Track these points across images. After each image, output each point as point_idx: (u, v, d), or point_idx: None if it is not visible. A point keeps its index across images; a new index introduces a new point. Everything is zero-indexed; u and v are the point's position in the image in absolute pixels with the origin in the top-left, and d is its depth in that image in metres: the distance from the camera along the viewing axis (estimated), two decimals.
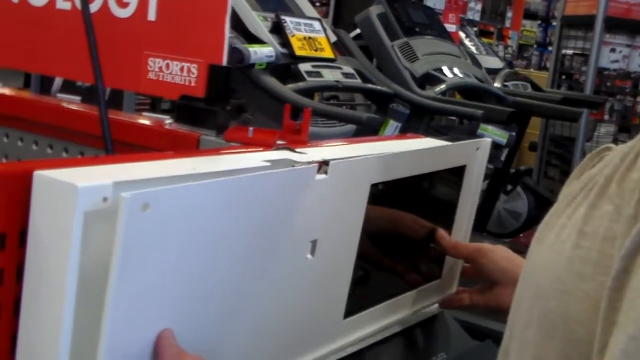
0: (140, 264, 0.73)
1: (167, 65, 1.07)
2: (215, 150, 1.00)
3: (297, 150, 1.00)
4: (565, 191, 0.83)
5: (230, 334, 0.88)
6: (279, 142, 1.04)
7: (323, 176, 0.94)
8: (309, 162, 0.93)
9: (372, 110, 3.84)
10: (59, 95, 1.47)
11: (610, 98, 6.34)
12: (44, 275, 0.73)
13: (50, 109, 1.17)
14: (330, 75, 3.55)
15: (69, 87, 2.14)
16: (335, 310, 1.05)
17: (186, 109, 1.07)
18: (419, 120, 3.79)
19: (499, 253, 1.16)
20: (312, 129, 1.95)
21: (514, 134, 4.35)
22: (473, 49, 5.16)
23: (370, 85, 3.68)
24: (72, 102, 1.33)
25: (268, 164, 0.92)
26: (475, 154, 1.19)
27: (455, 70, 4.34)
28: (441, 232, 1.17)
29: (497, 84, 4.85)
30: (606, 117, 6.98)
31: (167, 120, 1.10)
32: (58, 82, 1.62)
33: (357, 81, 3.68)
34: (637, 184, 0.66)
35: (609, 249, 0.67)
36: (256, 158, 0.94)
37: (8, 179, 0.73)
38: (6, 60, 1.18)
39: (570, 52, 6.31)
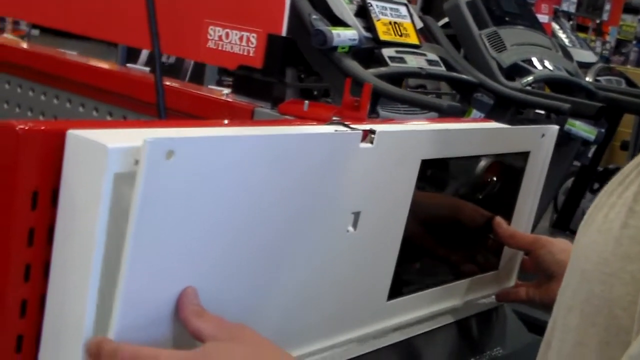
0: (162, 216, 0.71)
1: (227, 34, 1.04)
2: (267, 122, 0.97)
3: (351, 125, 0.96)
4: (619, 172, 0.80)
5: (258, 303, 0.84)
6: (335, 117, 1.00)
7: (368, 145, 0.89)
8: (352, 129, 0.89)
9: (456, 99, 3.76)
10: (129, 65, 1.47)
11: None
12: (73, 237, 0.72)
13: (111, 76, 1.16)
14: (414, 62, 3.48)
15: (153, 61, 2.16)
16: (377, 291, 1.01)
17: (243, 79, 1.04)
18: (503, 112, 3.69)
19: (558, 245, 1.11)
20: (391, 116, 1.93)
21: (603, 130, 4.20)
22: (566, 41, 5.01)
23: (454, 74, 3.60)
24: (138, 71, 1.32)
25: (317, 134, 0.88)
26: (540, 141, 1.13)
27: (545, 62, 4.21)
28: (498, 220, 1.12)
29: (588, 79, 4.69)
30: None
31: (225, 91, 1.07)
32: (144, 54, 1.62)
33: (441, 69, 3.60)
34: None
35: None
36: (304, 129, 0.90)
37: (42, 136, 0.72)
38: (67, 24, 1.17)
39: None
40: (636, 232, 0.65)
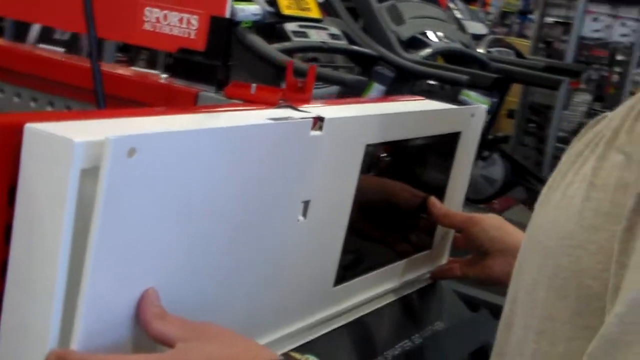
0: (124, 215, 0.68)
1: (165, 16, 1.00)
2: (216, 107, 0.94)
3: (299, 108, 0.95)
4: (567, 154, 0.83)
5: (218, 296, 0.83)
6: (281, 100, 0.99)
7: (318, 132, 0.89)
8: (303, 117, 0.88)
9: (355, 72, 3.78)
10: (41, 45, 1.40)
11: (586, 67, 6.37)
12: (36, 236, 0.68)
13: (38, 60, 1.10)
14: (316, 36, 3.48)
15: (45, 37, 2.05)
16: (325, 278, 1.01)
17: (184, 62, 1.01)
18: (403, 84, 3.74)
19: (490, 222, 1.14)
20: None
21: (495, 100, 4.32)
22: (458, 14, 5.12)
23: (356, 47, 3.62)
24: (57, 54, 1.26)
25: (271, 121, 0.86)
26: (470, 121, 1.15)
27: (441, 34, 4.29)
28: (433, 200, 1.14)
29: (481, 50, 4.81)
30: (582, 86, 7.00)
31: (163, 75, 1.03)
32: (35, 30, 1.54)
33: (344, 43, 3.61)
34: None
35: (621, 197, 0.66)
36: (258, 115, 0.89)
37: None
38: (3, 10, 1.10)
39: (551, 20, 6.28)
40: (598, 204, 0.67)
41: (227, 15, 0.97)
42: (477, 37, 4.80)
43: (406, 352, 1.06)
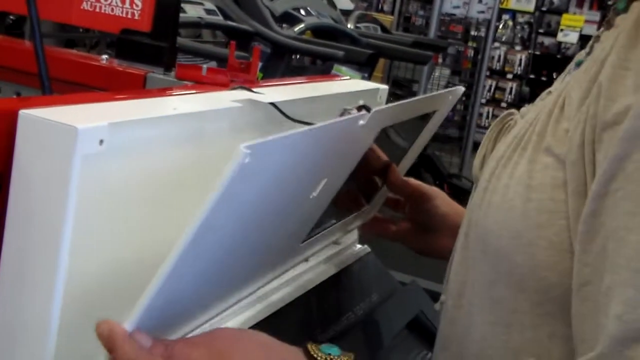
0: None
1: None
2: (182, 88, 0.94)
3: (253, 90, 0.96)
4: (484, 161, 0.89)
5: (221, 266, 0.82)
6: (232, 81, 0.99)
7: (362, 122, 0.90)
8: (359, 109, 0.90)
9: (223, 47, 3.76)
10: None
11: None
12: (34, 225, 0.66)
13: None
14: (193, 12, 3.45)
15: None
16: (300, 236, 1.02)
17: (129, 44, 0.99)
18: (279, 60, 3.76)
19: (442, 198, 1.15)
20: None
21: (366, 75, 4.42)
22: None
23: (232, 23, 3.61)
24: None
25: (239, 104, 0.87)
26: (447, 101, 1.18)
27: (311, 10, 4.33)
28: (393, 168, 1.14)
29: (350, 25, 4.88)
30: (440, 60, 7.26)
31: (104, 56, 1.01)
32: None
33: (219, 18, 3.59)
34: (573, 131, 0.70)
35: (560, 194, 0.71)
36: (223, 98, 0.89)
37: None
38: None
39: None
40: (539, 203, 0.72)
41: None
42: (345, 12, 4.88)
43: (351, 325, 1.10)
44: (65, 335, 0.69)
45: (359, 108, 0.92)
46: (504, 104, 8.54)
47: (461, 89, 1.16)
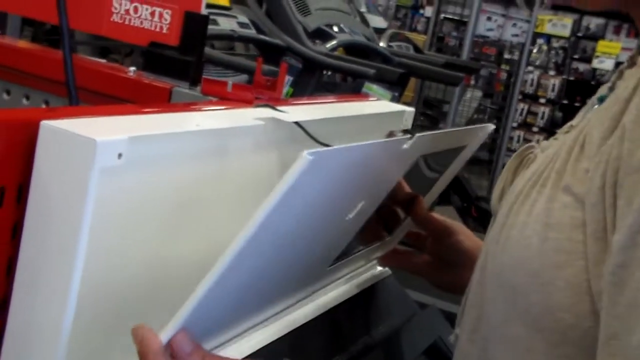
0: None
1: (136, 9, 0.99)
2: (206, 104, 0.94)
3: (277, 108, 0.96)
4: (503, 193, 0.88)
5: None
6: (257, 98, 0.99)
7: (406, 146, 0.90)
8: (405, 133, 0.89)
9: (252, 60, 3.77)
10: None
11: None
12: (51, 236, 0.66)
13: (10, 50, 1.05)
14: (226, 24, 3.46)
15: None
16: (328, 259, 1.02)
17: (156, 57, 0.99)
18: (310, 75, 3.77)
19: (466, 234, 1.13)
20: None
21: (397, 94, 4.41)
22: (362, 7, 5.20)
23: (265, 37, 3.62)
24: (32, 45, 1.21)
25: (261, 122, 0.87)
26: (478, 137, 1.18)
27: (344, 27, 4.34)
28: (420, 200, 1.13)
29: (382, 44, 4.88)
30: (472, 82, 7.24)
31: (132, 68, 1.02)
32: None
33: (252, 32, 3.61)
34: (593, 172, 0.68)
35: (579, 235, 0.69)
36: (247, 115, 0.89)
37: (9, 127, 0.65)
38: None
39: (443, 16, 6.46)
40: (557, 243, 0.70)
41: (203, 11, 0.96)
42: (378, 31, 4.88)
43: (368, 347, 1.09)
44: (77, 341, 0.69)
45: (404, 132, 0.92)
46: (535, 128, 8.48)
47: (491, 126, 1.15)
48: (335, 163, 0.72)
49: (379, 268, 1.33)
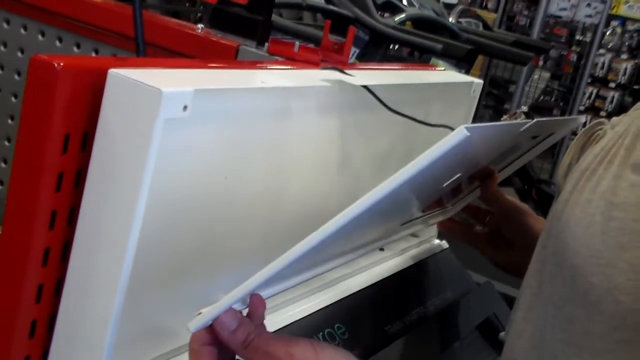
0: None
1: None
2: (272, 63, 0.94)
3: (345, 71, 0.95)
4: (569, 169, 0.85)
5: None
6: (323, 60, 0.98)
7: (523, 129, 0.88)
8: (525, 116, 0.90)
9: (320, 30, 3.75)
10: None
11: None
12: (113, 184, 0.67)
13: (81, 3, 1.06)
14: None
15: None
16: (406, 219, 1.04)
17: (225, 14, 0.99)
18: (376, 48, 3.73)
19: (535, 217, 1.11)
20: None
21: (464, 71, 4.34)
22: None
23: (333, 8, 3.59)
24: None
25: (327, 84, 0.86)
26: (565, 130, 1.15)
27: (413, 0, 4.28)
28: (495, 176, 1.11)
29: (451, 19, 4.81)
30: (540, 63, 7.10)
31: (200, 25, 1.02)
32: None
33: (321, 1, 3.58)
34: None
35: None
36: (313, 76, 0.88)
37: (77, 74, 0.66)
38: None
39: None
40: (622, 223, 0.67)
41: None
42: (448, 6, 4.81)
43: (421, 319, 1.08)
44: (134, 293, 0.69)
45: (525, 114, 0.91)
46: (603, 113, 8.29)
47: (582, 119, 1.11)
48: (479, 139, 0.71)
49: (437, 241, 1.32)
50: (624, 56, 8.55)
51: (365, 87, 0.90)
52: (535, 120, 0.89)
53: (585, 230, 0.71)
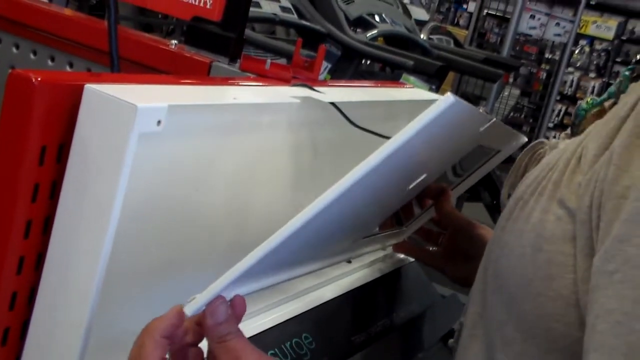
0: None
1: None
2: (244, 79, 0.96)
3: (315, 88, 0.97)
4: (513, 191, 0.86)
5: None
6: (294, 77, 1.01)
7: (482, 129, 0.92)
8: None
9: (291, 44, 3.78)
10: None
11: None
12: (87, 196, 0.69)
13: (56, 18, 1.08)
14: (268, 7, 3.48)
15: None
16: (363, 231, 1.04)
17: (198, 31, 1.01)
18: (348, 63, 3.77)
19: (488, 230, 1.14)
20: None
21: (434, 87, 4.40)
22: None
23: (305, 22, 3.63)
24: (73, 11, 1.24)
25: (297, 100, 0.89)
26: (512, 145, 1.18)
27: (386, 16, 4.33)
28: (449, 194, 1.14)
29: (423, 36, 4.87)
30: (511, 80, 7.19)
31: (173, 41, 1.04)
32: None
33: (294, 17, 3.62)
34: (584, 189, 0.69)
35: (570, 249, 0.70)
36: (283, 93, 0.91)
37: (54, 89, 0.68)
38: None
39: (486, 12, 6.41)
40: (551, 255, 0.71)
41: None
42: (419, 23, 4.87)
43: (386, 330, 1.11)
44: (107, 300, 0.71)
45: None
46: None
47: (524, 139, 1.15)
48: (455, 115, 0.74)
49: (402, 255, 1.35)
50: (592, 74, 8.69)
51: (332, 104, 0.93)
52: (493, 119, 0.92)
53: (518, 261, 0.75)
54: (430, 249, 1.24)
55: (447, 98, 0.66)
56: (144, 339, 0.66)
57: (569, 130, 0.89)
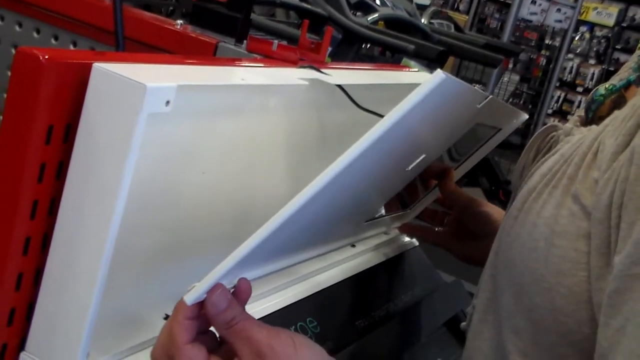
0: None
1: None
2: (251, 61, 0.95)
3: (322, 70, 0.96)
4: (524, 170, 0.87)
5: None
6: (300, 59, 1.00)
7: (479, 105, 0.91)
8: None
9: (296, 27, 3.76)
10: None
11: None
12: (94, 176, 0.68)
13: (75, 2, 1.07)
14: None
15: None
16: (367, 214, 1.05)
17: (204, 11, 1.00)
18: (349, 47, 3.76)
19: (493, 207, 1.14)
20: None
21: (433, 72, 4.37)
22: None
23: (306, 5, 3.61)
24: None
25: (305, 82, 0.88)
26: (512, 123, 1.18)
27: (387, 0, 4.31)
28: (452, 174, 1.14)
29: (423, 20, 4.85)
30: (510, 66, 7.18)
31: (179, 21, 1.03)
32: None
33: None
34: (602, 188, 0.68)
35: (584, 246, 0.70)
36: (290, 75, 0.90)
37: (61, 67, 0.67)
38: None
39: None
40: (563, 251, 0.70)
41: None
42: (420, 7, 4.85)
43: (390, 315, 1.10)
44: (114, 281, 0.71)
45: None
46: (570, 117, 8.39)
47: (525, 115, 1.15)
48: (448, 92, 0.74)
49: (407, 239, 1.34)
50: (592, 61, 8.67)
51: (339, 86, 0.92)
52: (489, 96, 0.92)
53: (529, 254, 0.74)
54: (437, 229, 1.24)
55: (438, 74, 0.66)
56: (171, 322, 0.67)
57: (582, 113, 0.88)
